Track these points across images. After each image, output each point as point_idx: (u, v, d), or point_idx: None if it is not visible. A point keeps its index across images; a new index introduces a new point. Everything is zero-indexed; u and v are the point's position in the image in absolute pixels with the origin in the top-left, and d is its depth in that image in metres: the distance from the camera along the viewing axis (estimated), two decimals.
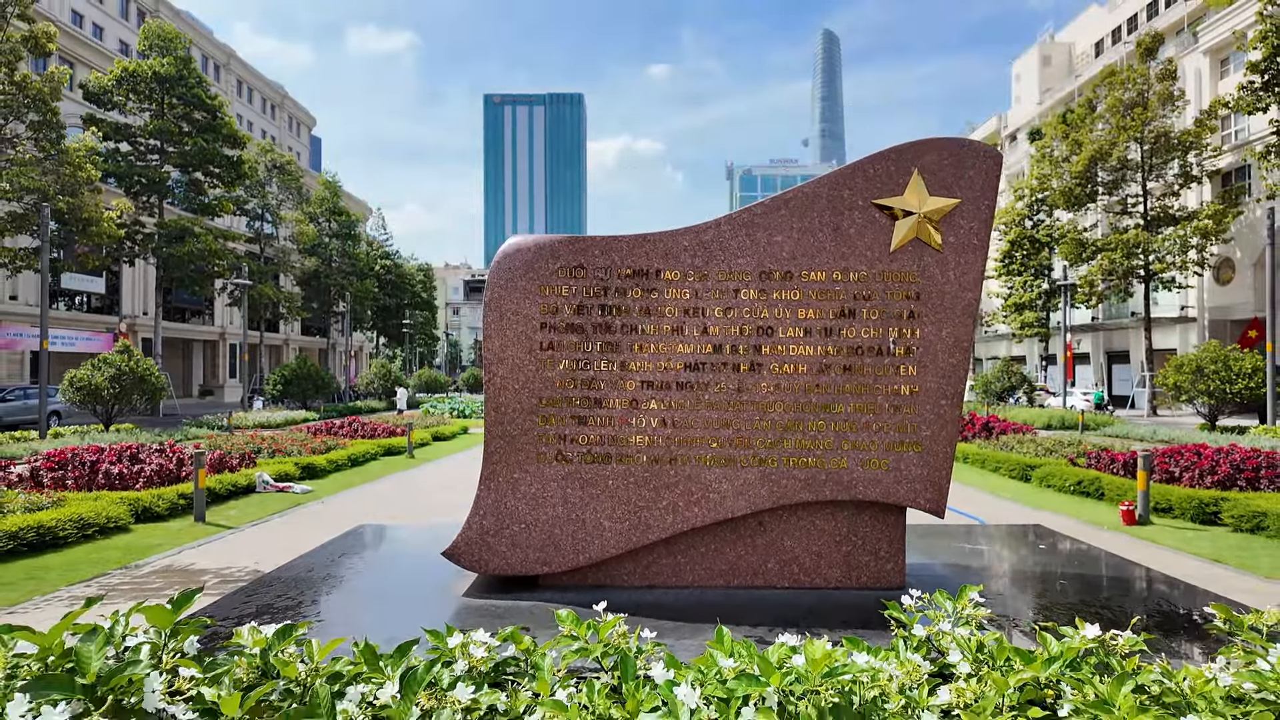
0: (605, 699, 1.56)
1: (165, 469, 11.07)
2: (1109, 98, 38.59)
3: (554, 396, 3.06)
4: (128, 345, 24.50)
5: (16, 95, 29.03)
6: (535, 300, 3.06)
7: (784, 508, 3.42)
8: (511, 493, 3.09)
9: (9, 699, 1.35)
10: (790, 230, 3.42)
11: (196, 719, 1.36)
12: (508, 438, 3.07)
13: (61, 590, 6.66)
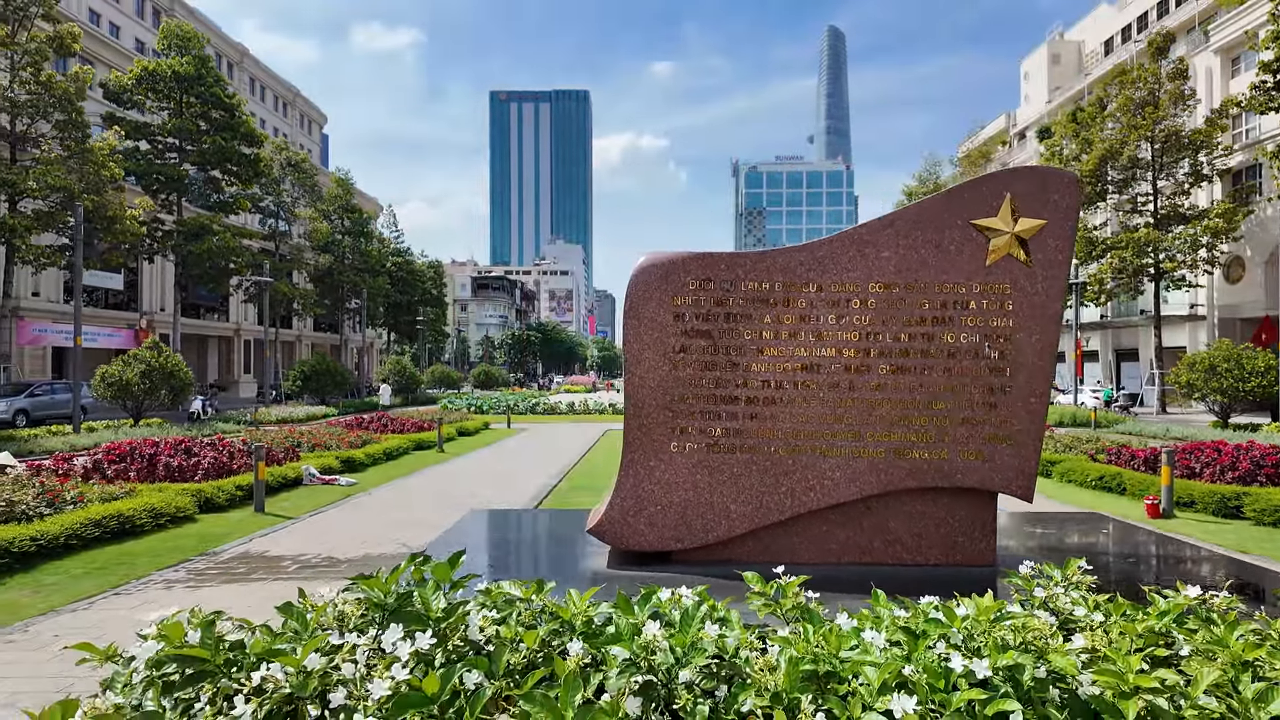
0: (818, 638, 1.94)
1: (219, 462, 11.51)
2: (1120, 96, 38.78)
3: (685, 394, 3.45)
4: (157, 341, 24.98)
5: (42, 95, 29.48)
6: (669, 309, 3.45)
7: (890, 493, 3.83)
8: (648, 478, 3.48)
9: (384, 628, 1.73)
10: (896, 247, 3.83)
11: (498, 649, 1.74)
12: (644, 429, 3.46)
13: (154, 574, 7.08)
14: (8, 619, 5.76)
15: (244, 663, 1.63)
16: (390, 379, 45.34)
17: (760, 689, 1.70)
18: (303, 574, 7.06)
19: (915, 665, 1.79)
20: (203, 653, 1.65)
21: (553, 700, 1.53)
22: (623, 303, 3.69)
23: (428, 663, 1.69)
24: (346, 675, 1.56)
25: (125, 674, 1.70)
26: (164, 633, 1.75)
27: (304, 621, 1.76)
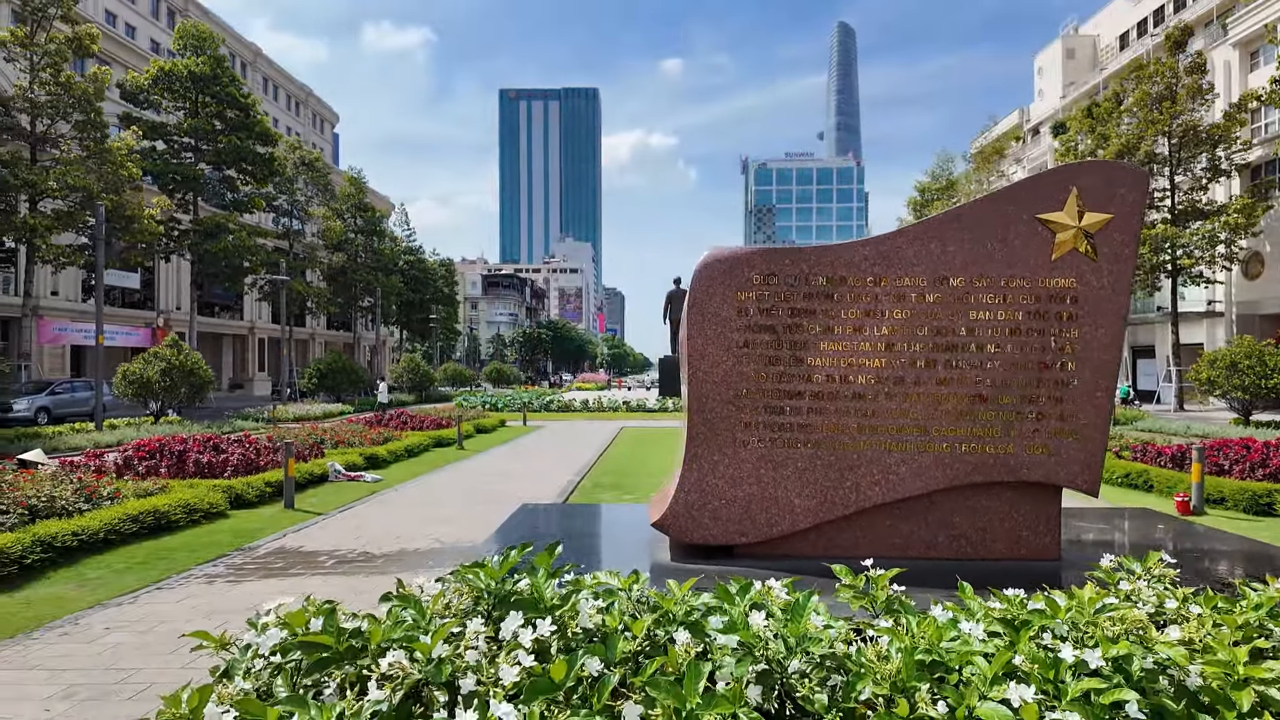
0: (922, 629, 1.96)
1: (247, 459, 11.60)
2: (1136, 91, 38.45)
3: (749, 388, 3.47)
4: (177, 340, 25.16)
5: (62, 96, 29.74)
6: (732, 304, 3.46)
7: (954, 488, 3.84)
8: (712, 472, 3.50)
9: (503, 616, 1.76)
10: (962, 241, 3.83)
11: (611, 637, 1.77)
12: (708, 424, 3.48)
13: (194, 569, 7.15)
14: (57, 612, 5.83)
15: (367, 650, 1.66)
16: (403, 376, 45.50)
17: (878, 678, 1.72)
18: (340, 569, 7.12)
19: (1024, 656, 1.80)
20: (326, 639, 1.68)
21: (677, 687, 1.55)
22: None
23: (543, 650, 1.71)
24: (470, 661, 1.59)
25: (242, 661, 1.73)
26: (285, 620, 1.79)
27: (420, 609, 1.79)
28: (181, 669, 4.68)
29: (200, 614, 5.76)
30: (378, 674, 1.57)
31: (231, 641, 1.90)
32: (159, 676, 4.56)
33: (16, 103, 29.47)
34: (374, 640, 1.69)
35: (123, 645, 5.09)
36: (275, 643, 1.68)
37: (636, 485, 12.17)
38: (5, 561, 6.48)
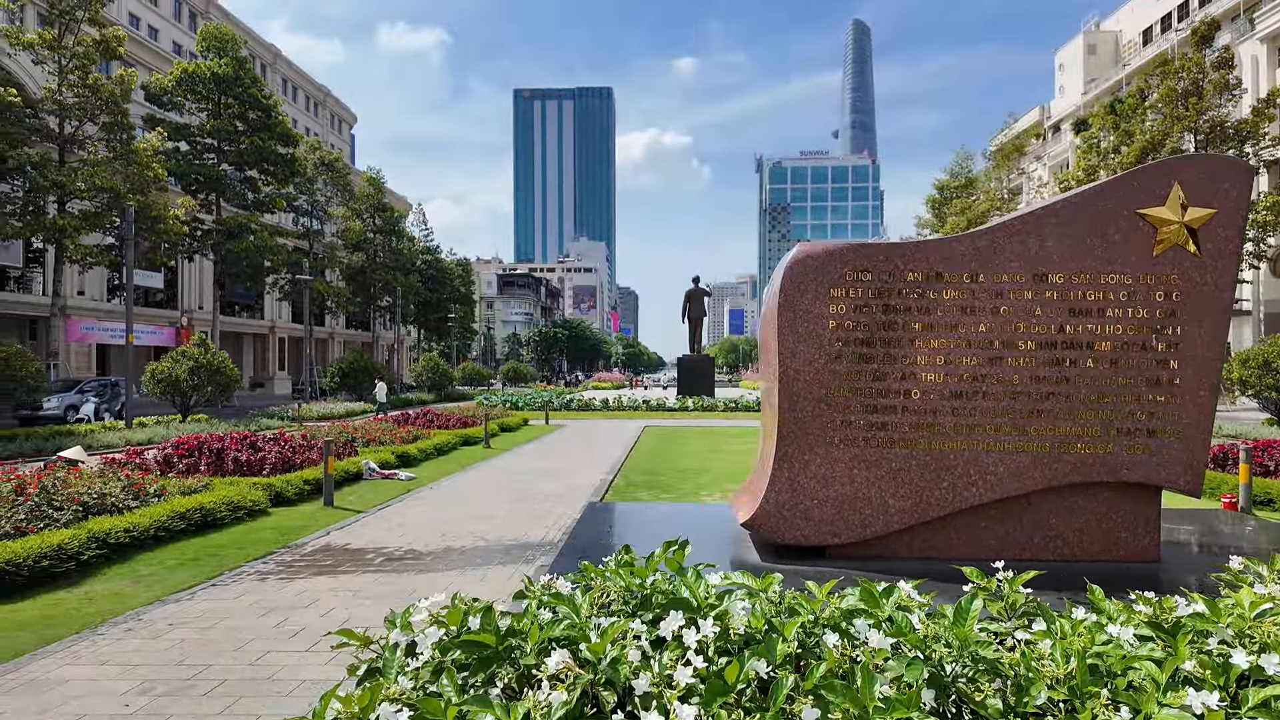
0: (1071, 632, 1.92)
1: (284, 457, 11.67)
2: (1162, 87, 37.98)
3: (841, 387, 3.42)
4: (204, 339, 25.39)
5: (89, 98, 30.08)
6: (825, 301, 3.41)
7: (1052, 489, 3.77)
8: (803, 472, 3.46)
9: (662, 616, 1.74)
10: (1060, 237, 3.77)
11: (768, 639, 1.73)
12: (799, 424, 3.43)
13: (244, 566, 7.19)
14: (117, 608, 5.88)
15: (526, 648, 1.64)
16: (423, 375, 45.69)
17: (1051, 682, 1.68)
18: (388, 566, 7.14)
19: (1193, 661, 1.75)
20: (488, 638, 1.66)
21: (852, 690, 1.52)
22: (768, 295, 3.67)
23: (700, 651, 1.69)
24: (635, 661, 1.57)
25: (393, 660, 1.71)
26: (439, 618, 1.77)
27: (574, 606, 1.76)
28: (251, 665, 4.70)
29: (258, 611, 5.79)
30: (546, 674, 1.55)
31: (376, 640, 1.89)
32: (229, 673, 4.58)
33: (46, 105, 29.85)
34: (532, 639, 1.67)
35: (188, 641, 5.12)
36: (435, 641, 1.66)
37: (671, 484, 12.13)
38: (64, 558, 6.54)
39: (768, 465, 3.53)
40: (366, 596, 6.16)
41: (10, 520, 6.92)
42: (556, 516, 9.57)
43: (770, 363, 3.55)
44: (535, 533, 8.60)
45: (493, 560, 7.35)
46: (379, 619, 5.59)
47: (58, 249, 30.12)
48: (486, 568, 7.08)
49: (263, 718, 3.99)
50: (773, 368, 3.48)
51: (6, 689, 4.35)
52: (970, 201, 56.90)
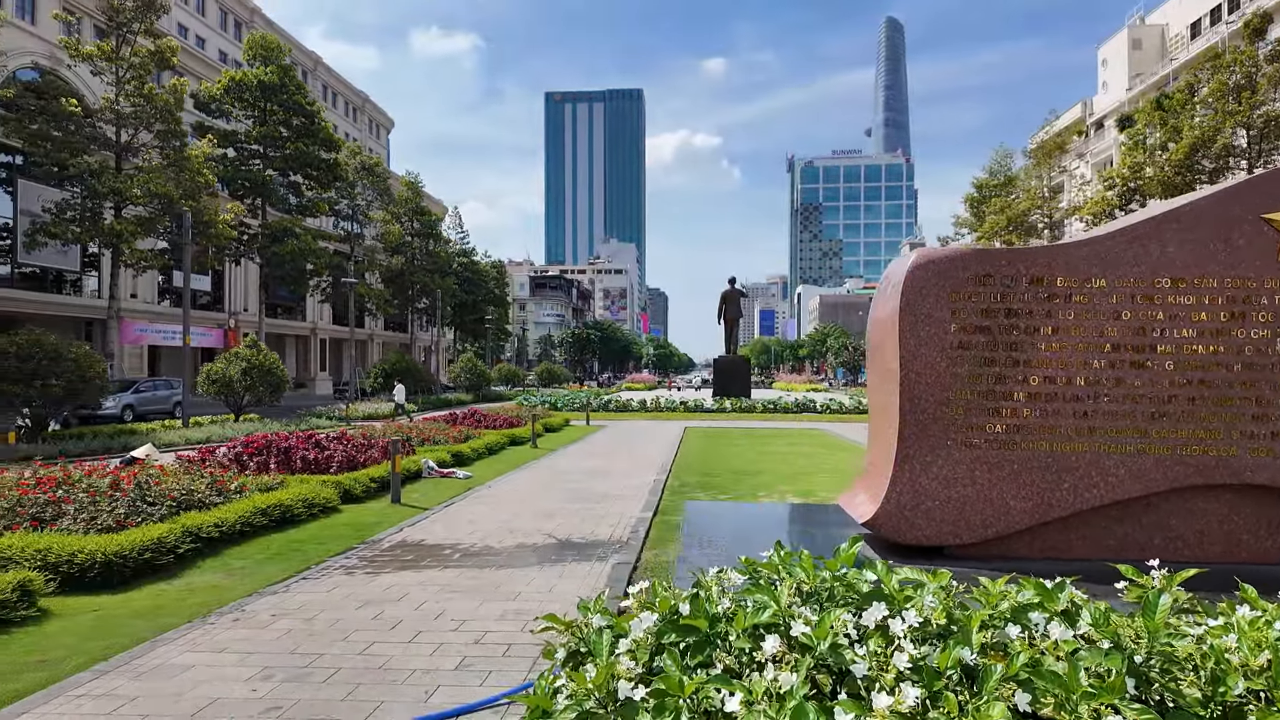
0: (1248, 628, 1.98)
1: (349, 455, 11.99)
2: (1213, 81, 37.06)
3: (963, 390, 3.49)
4: (256, 340, 26.05)
5: (144, 106, 31.04)
6: (946, 305, 3.49)
7: (1173, 490, 3.80)
8: (924, 473, 3.53)
9: (864, 606, 1.85)
10: (1182, 242, 3.80)
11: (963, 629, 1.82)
12: (920, 425, 3.51)
13: (329, 561, 7.43)
14: (220, 600, 6.13)
15: (733, 634, 1.76)
16: (461, 376, 46.30)
17: (1248, 673, 1.75)
18: (468, 562, 7.32)
19: None
20: (700, 623, 1.77)
21: (1060, 677, 1.61)
22: (880, 299, 3.75)
23: (892, 639, 1.79)
24: (842, 646, 1.68)
25: (601, 643, 1.84)
26: (645, 604, 1.89)
27: (774, 595, 1.88)
28: (360, 655, 4.90)
29: (354, 603, 5.99)
30: (764, 656, 1.67)
31: (576, 624, 2.02)
32: (341, 662, 4.78)
33: (103, 114, 30.87)
34: (739, 625, 1.78)
35: (294, 631, 5.34)
36: (649, 625, 1.78)
37: (727, 485, 12.20)
38: (164, 551, 6.83)
39: (886, 466, 3.61)
40: (454, 590, 6.34)
41: (111, 514, 7.25)
42: (619, 516, 9.70)
43: (885, 365, 3.62)
44: (602, 531, 8.74)
45: (567, 558, 7.51)
46: (471, 612, 5.77)
47: (114, 253, 31.12)
48: (563, 564, 7.23)
49: (384, 704, 4.17)
50: (890, 370, 3.55)
51: (139, 673, 4.59)
52: (1010, 200, 55.99)
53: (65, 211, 29.57)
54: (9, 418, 18.25)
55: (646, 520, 9.21)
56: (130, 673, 4.59)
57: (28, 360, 17.09)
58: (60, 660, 4.83)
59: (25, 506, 7.27)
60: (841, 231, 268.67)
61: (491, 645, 5.08)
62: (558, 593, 6.29)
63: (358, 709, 4.10)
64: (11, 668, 4.70)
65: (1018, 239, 56.26)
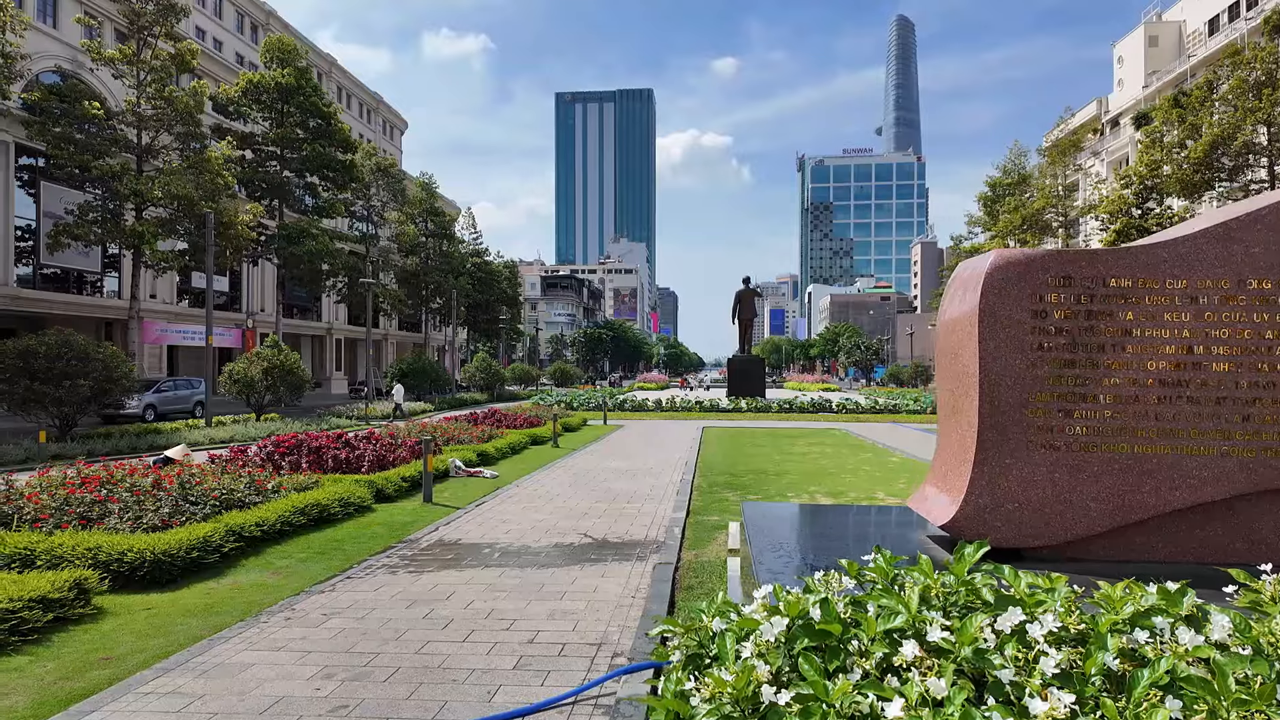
0: None
1: (379, 455, 12.05)
2: (1233, 78, 36.70)
3: (1042, 392, 3.47)
4: (278, 341, 26.23)
5: (165, 109, 31.30)
6: (1026, 307, 3.47)
7: (1257, 493, 3.75)
8: (1004, 476, 3.52)
9: (1001, 611, 1.85)
10: (1266, 243, 3.76)
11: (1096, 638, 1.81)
12: (999, 428, 3.49)
13: (370, 560, 7.47)
14: (269, 599, 6.18)
15: (863, 638, 1.76)
16: (475, 375, 46.42)
17: None
18: (508, 562, 7.34)
19: None
20: (834, 627, 1.78)
21: (1210, 684, 1.60)
22: (955, 301, 3.73)
23: (1026, 645, 1.79)
24: (987, 651, 1.68)
25: (728, 647, 1.84)
26: (771, 609, 1.89)
27: (904, 600, 1.87)
28: (417, 654, 4.92)
29: (402, 602, 6.02)
30: (902, 661, 1.67)
31: (697, 627, 2.02)
32: (399, 661, 4.80)
33: (124, 117, 31.16)
34: (870, 630, 1.78)
35: (348, 630, 5.37)
36: (780, 630, 1.78)
37: (755, 486, 12.18)
38: (209, 550, 6.89)
39: (962, 468, 3.59)
40: (499, 590, 6.37)
41: (156, 514, 7.31)
42: (651, 516, 9.71)
43: (960, 368, 3.60)
44: (636, 531, 8.75)
45: (606, 558, 7.52)
46: (520, 611, 5.78)
47: (135, 254, 31.41)
48: (603, 564, 7.24)
49: (449, 703, 4.19)
50: (965, 373, 3.53)
51: (202, 670, 4.64)
52: (1024, 199, 55.61)
53: (88, 213, 29.86)
54: (35, 418, 18.41)
55: (680, 521, 9.23)
56: (193, 671, 4.63)
57: (57, 360, 17.27)
58: (123, 658, 4.88)
59: (73, 505, 7.35)
60: (852, 230, 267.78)
61: (546, 645, 5.09)
62: (602, 592, 6.30)
63: (424, 707, 4.12)
64: (77, 665, 4.76)
65: (1032, 238, 55.88)
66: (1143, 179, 44.06)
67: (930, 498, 3.82)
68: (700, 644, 2.00)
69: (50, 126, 29.05)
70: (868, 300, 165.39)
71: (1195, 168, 37.59)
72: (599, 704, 4.17)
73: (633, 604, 5.99)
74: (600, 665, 4.72)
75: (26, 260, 35.60)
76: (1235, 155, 36.65)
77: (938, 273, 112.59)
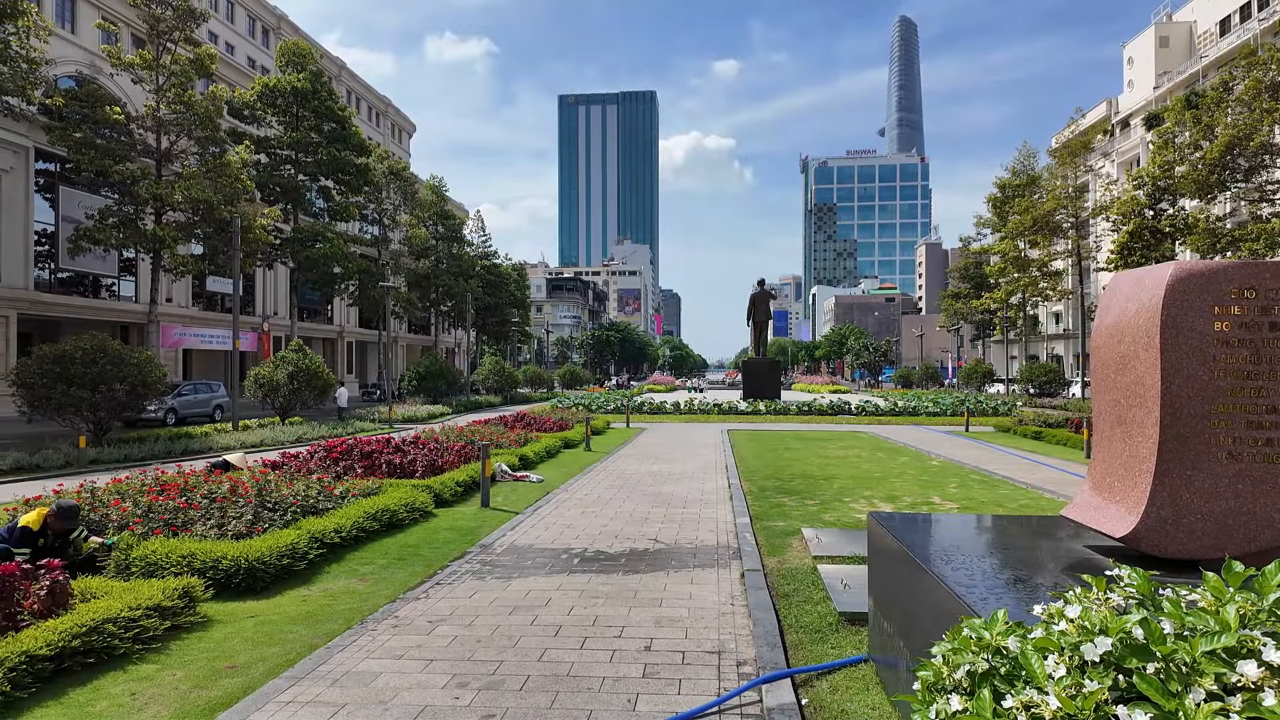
0: None
1: (431, 459, 12.06)
2: (1248, 79, 36.68)
3: (1225, 404, 3.48)
4: (302, 345, 26.27)
5: (185, 114, 31.37)
6: (1209, 318, 3.48)
7: None
8: (1185, 487, 3.52)
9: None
10: None
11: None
12: (1180, 439, 3.50)
13: (451, 565, 7.48)
14: (366, 606, 6.18)
15: (1191, 658, 1.77)
16: (488, 378, 46.42)
17: None
18: (591, 567, 7.35)
19: None
20: (1164, 649, 1.79)
21: None
22: (1123, 308, 3.74)
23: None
24: None
25: (1036, 666, 1.85)
26: (1083, 623, 1.90)
27: (1221, 619, 1.87)
28: (540, 662, 4.93)
29: (503, 609, 6.03)
30: (1245, 681, 1.68)
31: (995, 647, 2.03)
32: (525, 669, 4.80)
33: (144, 121, 31.22)
34: (1193, 650, 1.79)
35: (461, 638, 5.37)
36: (1105, 650, 1.80)
37: (809, 490, 12.17)
38: (298, 557, 6.90)
39: (1137, 479, 3.60)
40: (595, 596, 6.37)
41: (240, 521, 7.33)
42: (713, 521, 9.72)
43: (1134, 379, 3.61)
44: (705, 538, 8.76)
45: (688, 564, 7.52)
46: (624, 618, 5.79)
47: (154, 258, 31.47)
48: (687, 570, 7.25)
49: (594, 712, 4.19)
50: (1141, 383, 3.55)
51: (333, 679, 4.64)
52: (1034, 200, 55.56)
53: (107, 217, 29.92)
54: (69, 422, 18.42)
55: (746, 526, 9.24)
56: (324, 680, 4.64)
57: (92, 365, 17.29)
58: (246, 666, 4.89)
59: (157, 512, 7.36)
60: (856, 232, 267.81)
61: (665, 653, 5.10)
62: (699, 600, 6.31)
63: (570, 716, 4.13)
64: (205, 674, 4.77)
65: (1043, 239, 55.89)
66: (1155, 180, 44.01)
67: (1097, 508, 3.82)
68: (988, 662, 2.02)
69: (71, 131, 29.11)
70: (872, 301, 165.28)
71: (1210, 169, 37.56)
72: (744, 713, 4.17)
73: (734, 611, 5.99)
74: (729, 674, 4.73)
75: (44, 264, 35.66)
76: (1251, 156, 36.63)
77: (945, 273, 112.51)
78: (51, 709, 4.28)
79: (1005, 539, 4.31)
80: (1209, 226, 39.23)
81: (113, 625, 4.91)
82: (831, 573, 6.71)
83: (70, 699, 4.41)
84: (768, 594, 6.30)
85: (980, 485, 12.70)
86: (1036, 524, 4.51)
